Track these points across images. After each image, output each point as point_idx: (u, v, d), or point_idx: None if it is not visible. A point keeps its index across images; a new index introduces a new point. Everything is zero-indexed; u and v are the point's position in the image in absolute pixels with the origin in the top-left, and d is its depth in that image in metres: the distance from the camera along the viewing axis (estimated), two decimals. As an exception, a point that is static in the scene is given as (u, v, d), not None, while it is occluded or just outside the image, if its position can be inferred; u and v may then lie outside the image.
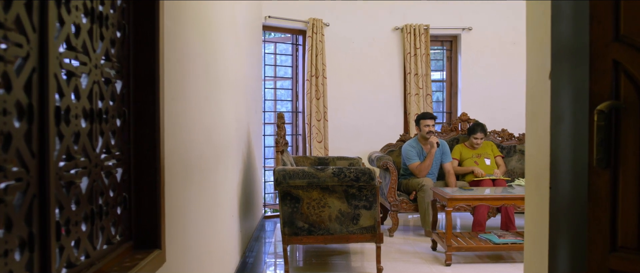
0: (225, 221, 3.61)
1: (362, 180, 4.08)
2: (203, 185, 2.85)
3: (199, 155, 2.72)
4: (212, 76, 3.07)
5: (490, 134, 6.49)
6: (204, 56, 2.83)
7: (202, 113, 2.80)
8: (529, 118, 2.55)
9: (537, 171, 2.43)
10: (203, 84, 2.80)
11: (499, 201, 4.64)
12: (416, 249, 5.15)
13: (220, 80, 3.44)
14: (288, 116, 7.14)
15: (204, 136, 2.86)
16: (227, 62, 3.71)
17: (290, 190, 4.12)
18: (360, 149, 6.88)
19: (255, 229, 5.71)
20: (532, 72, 2.52)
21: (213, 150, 3.12)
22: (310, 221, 4.15)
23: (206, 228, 2.93)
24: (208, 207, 2.98)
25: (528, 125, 2.57)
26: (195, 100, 2.63)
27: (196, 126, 2.65)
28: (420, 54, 6.89)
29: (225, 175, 3.62)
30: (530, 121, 2.55)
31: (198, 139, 2.70)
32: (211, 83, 3.06)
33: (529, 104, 2.57)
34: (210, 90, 3.02)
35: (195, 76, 2.62)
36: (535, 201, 2.48)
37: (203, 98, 2.81)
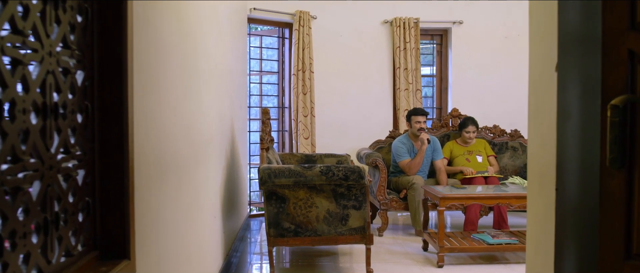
0: (207, 223, 3.41)
1: (351, 179, 3.90)
2: (181, 185, 2.65)
3: (176, 153, 2.52)
4: (191, 68, 2.86)
5: (481, 130, 6.33)
6: (181, 46, 2.62)
7: (180, 108, 2.59)
8: (532, 113, 2.37)
9: (541, 171, 2.26)
10: (180, 76, 2.59)
11: (493, 200, 4.48)
12: (407, 249, 4.98)
13: (201, 73, 3.23)
14: (274, 111, 6.94)
15: (182, 133, 2.66)
16: (208, 55, 3.50)
17: (276, 190, 3.92)
18: (348, 145, 6.70)
19: (240, 229, 5.51)
20: (536, 64, 2.34)
21: (192, 148, 2.91)
22: (296, 222, 3.95)
23: (185, 231, 2.73)
24: (187, 209, 2.78)
25: (531, 121, 2.39)
26: (171, 93, 2.42)
27: (172, 121, 2.44)
28: (410, 48, 6.71)
29: (207, 174, 3.42)
30: (533, 116, 2.37)
31: (175, 136, 2.49)
32: (190, 76, 2.85)
33: (532, 98, 2.39)
34: (189, 83, 2.81)
35: (171, 67, 2.41)
36: (539, 203, 2.30)
37: (180, 92, 2.60)
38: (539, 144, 2.31)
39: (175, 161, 2.53)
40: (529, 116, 2.47)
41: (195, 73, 2.99)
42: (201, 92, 3.20)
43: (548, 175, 2.17)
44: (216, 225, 3.82)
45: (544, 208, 2.25)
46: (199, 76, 3.13)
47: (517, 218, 6.26)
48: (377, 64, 6.85)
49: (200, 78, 3.15)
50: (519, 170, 6.20)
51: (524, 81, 6.56)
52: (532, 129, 2.43)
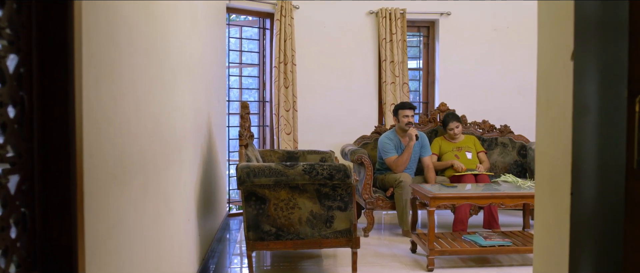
0: (180, 227, 3.12)
1: (337, 178, 3.63)
2: (148, 188, 2.36)
3: (142, 152, 2.22)
4: (159, 56, 2.57)
5: (470, 125, 6.10)
6: (146, 32, 2.33)
7: (146, 101, 2.30)
8: (542, 108, 2.11)
9: (552, 173, 2.00)
10: (145, 65, 2.30)
11: (486, 200, 4.24)
12: (394, 251, 4.73)
13: (172, 63, 2.93)
14: (254, 105, 6.64)
15: (149, 129, 2.37)
16: (181, 43, 3.21)
17: (255, 190, 3.64)
18: (332, 141, 6.42)
19: (218, 229, 5.22)
20: (546, 52, 2.08)
21: (162, 145, 2.62)
22: (277, 225, 3.68)
23: (153, 239, 2.44)
24: (155, 214, 2.49)
25: (540, 117, 2.13)
26: (136, 85, 2.13)
27: (137, 116, 2.15)
28: (396, 39, 6.45)
29: (180, 174, 3.12)
30: (543, 111, 2.11)
31: (140, 133, 2.20)
32: (159, 65, 2.55)
33: (541, 91, 2.13)
34: (157, 74, 2.52)
35: (134, 54, 2.11)
36: (549, 209, 2.05)
37: (146, 83, 2.31)
38: (550, 143, 2.05)
39: (142, 161, 2.24)
40: (537, 112, 2.20)
41: (165, 63, 2.70)
42: (172, 84, 2.90)
43: (561, 178, 1.92)
44: (191, 228, 3.53)
45: (555, 214, 2.00)
46: (170, 66, 2.83)
47: (508, 217, 6.05)
48: (362, 57, 6.58)
49: (171, 68, 2.86)
50: (509, 167, 5.99)
51: (514, 75, 6.36)
52: (541, 126, 2.16)
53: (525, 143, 6.04)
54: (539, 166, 2.14)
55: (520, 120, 6.46)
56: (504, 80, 6.66)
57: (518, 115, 6.52)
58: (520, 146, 6.03)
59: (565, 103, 1.89)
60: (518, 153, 6.02)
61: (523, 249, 4.18)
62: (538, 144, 2.17)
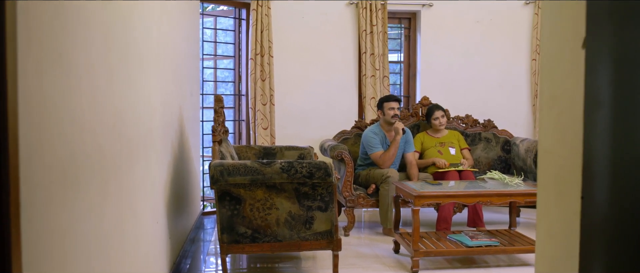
0: (146, 230, 2.86)
1: (317, 176, 3.41)
2: (108, 190, 2.11)
3: (99, 151, 1.97)
4: (120, 45, 2.31)
5: (452, 120, 5.92)
6: (106, 18, 2.07)
7: (104, 93, 2.05)
8: (547, 101, 1.91)
9: (558, 173, 1.80)
10: (104, 54, 2.04)
11: (473, 199, 4.06)
12: (376, 252, 4.53)
13: (137, 52, 2.68)
14: (230, 99, 6.38)
15: (109, 124, 2.11)
16: (147, 31, 2.94)
17: (230, 189, 3.40)
18: (310, 136, 6.20)
19: (191, 229, 4.96)
20: (552, 40, 1.87)
21: (125, 142, 2.37)
22: (253, 227, 3.44)
23: (113, 247, 2.19)
24: (117, 219, 2.24)
25: (545, 112, 1.92)
26: (91, 75, 1.87)
27: (93, 110, 1.90)
28: (376, 31, 6.24)
29: (146, 173, 2.87)
30: (548, 106, 1.90)
31: (97, 129, 1.95)
32: (120, 55, 2.30)
33: (545, 83, 1.92)
34: (118, 64, 2.26)
35: (89, 41, 1.86)
36: (555, 214, 1.84)
37: (105, 74, 2.05)
38: (556, 141, 1.85)
39: (100, 161, 1.99)
40: (541, 106, 1.98)
41: (127, 52, 2.44)
42: (138, 76, 2.65)
43: (569, 179, 1.71)
44: (160, 230, 3.28)
45: (562, 221, 1.79)
46: (134, 56, 2.57)
47: (492, 214, 5.89)
48: (342, 49, 6.35)
49: (135, 58, 2.60)
50: (493, 163, 5.83)
51: (497, 68, 6.18)
52: (545, 122, 1.95)
53: (509, 138, 5.89)
54: (542, 166, 1.93)
55: (503, 114, 6.31)
56: (486, 73, 6.50)
57: (501, 109, 6.37)
58: (504, 141, 5.88)
59: (575, 96, 1.68)
60: (502, 148, 5.86)
61: (511, 249, 4.01)
62: (541, 142, 1.96)
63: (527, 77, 6.49)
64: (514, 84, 6.51)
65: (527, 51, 6.47)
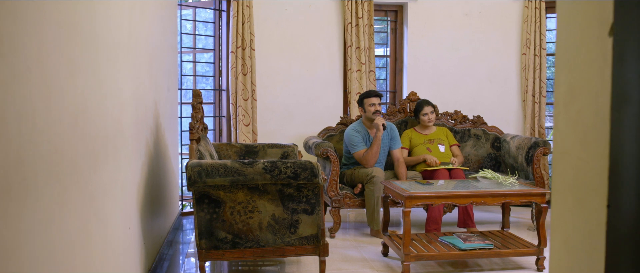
0: (116, 239, 2.61)
1: (302, 177, 3.17)
2: (69, 197, 1.86)
3: (55, 153, 1.72)
4: (84, 32, 2.05)
5: (441, 116, 5.73)
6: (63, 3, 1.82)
7: (62, 87, 1.79)
8: (564, 97, 1.69)
9: (578, 178, 1.58)
10: (62, 44, 1.79)
11: (466, 199, 3.85)
12: (364, 255, 4.31)
13: (107, 42, 2.42)
14: (209, 94, 6.12)
15: (68, 123, 1.86)
16: (116, 21, 2.69)
17: (209, 191, 3.15)
18: (294, 133, 5.96)
19: (169, 231, 4.70)
20: (571, 26, 1.65)
21: (89, 142, 2.11)
22: (234, 231, 3.20)
23: (76, 259, 1.94)
24: (79, 228, 1.99)
25: (561, 108, 1.70)
26: (44, 67, 1.62)
27: (47, 106, 1.65)
28: (362, 24, 6.01)
29: (116, 175, 2.62)
30: (564, 102, 1.68)
31: (52, 129, 1.70)
32: (83, 43, 2.04)
33: (562, 75, 1.70)
34: (81, 53, 2.01)
35: (43, 30, 1.61)
36: (573, 225, 1.63)
37: (63, 65, 1.80)
38: (576, 141, 1.63)
39: (57, 164, 1.74)
40: (556, 101, 1.76)
41: (92, 40, 2.18)
42: (104, 68, 2.39)
43: (592, 185, 1.50)
44: (132, 236, 3.02)
45: (583, 231, 1.58)
46: (101, 46, 2.32)
47: (482, 213, 5.71)
48: (327, 42, 6.12)
49: (102, 48, 2.34)
50: (483, 160, 5.64)
51: (486, 63, 5.96)
52: (562, 120, 1.73)
53: (500, 135, 5.70)
54: (558, 169, 1.71)
55: (493, 110, 6.13)
56: (475, 68, 6.31)
57: (490, 105, 6.20)
58: (494, 137, 5.70)
59: (600, 90, 1.46)
60: (492, 145, 5.68)
61: (505, 252, 3.82)
62: (558, 142, 1.73)
63: (517, 72, 6.31)
64: (503, 79, 6.33)
65: (516, 45, 6.29)
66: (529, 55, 6.15)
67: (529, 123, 6.15)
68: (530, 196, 3.89)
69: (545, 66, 6.15)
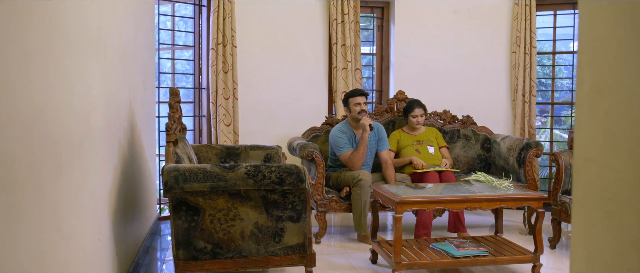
0: (82, 252, 2.37)
1: (288, 182, 2.95)
2: (21, 211, 1.62)
3: (5, 160, 1.49)
4: (41, 23, 1.81)
5: (429, 116, 5.54)
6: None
7: (14, 86, 1.56)
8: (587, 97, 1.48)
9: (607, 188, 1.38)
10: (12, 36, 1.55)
11: (460, 204, 3.66)
12: (352, 262, 4.10)
13: (72, 36, 2.18)
14: (189, 93, 5.87)
15: (23, 126, 1.62)
16: (84, 12, 2.44)
17: (187, 198, 2.92)
18: (277, 133, 5.74)
19: (145, 237, 4.45)
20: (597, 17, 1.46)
21: (48, 148, 1.88)
22: (214, 241, 2.97)
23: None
24: (37, 245, 1.75)
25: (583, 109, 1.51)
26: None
27: None
28: (348, 21, 5.80)
29: (83, 182, 2.37)
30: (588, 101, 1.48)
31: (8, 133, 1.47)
32: (42, 35, 1.80)
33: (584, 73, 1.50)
34: (38, 46, 1.77)
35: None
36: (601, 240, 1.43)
37: (15, 60, 1.56)
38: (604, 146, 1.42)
39: (8, 174, 1.50)
40: (579, 101, 1.55)
41: (52, 33, 1.94)
42: (68, 64, 2.15)
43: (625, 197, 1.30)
44: (103, 247, 2.78)
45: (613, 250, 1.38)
46: (63, 39, 2.07)
47: (472, 216, 5.53)
48: (311, 39, 5.90)
49: (65, 42, 2.10)
50: (473, 162, 5.47)
51: (475, 61, 5.74)
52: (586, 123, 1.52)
53: (489, 136, 5.53)
54: (581, 178, 1.51)
55: (482, 110, 5.96)
56: (464, 67, 6.13)
57: (479, 104, 6.02)
58: (484, 138, 5.52)
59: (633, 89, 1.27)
60: (482, 146, 5.51)
61: (501, 259, 3.64)
62: (580, 148, 1.53)
63: (507, 71, 6.14)
64: (492, 78, 6.16)
65: (506, 43, 6.13)
66: (519, 53, 5.99)
67: (519, 123, 5.99)
68: (527, 200, 3.72)
69: (535, 65, 5.99)
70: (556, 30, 6.24)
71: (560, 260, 4.27)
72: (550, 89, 6.42)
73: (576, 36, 6.15)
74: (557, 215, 4.39)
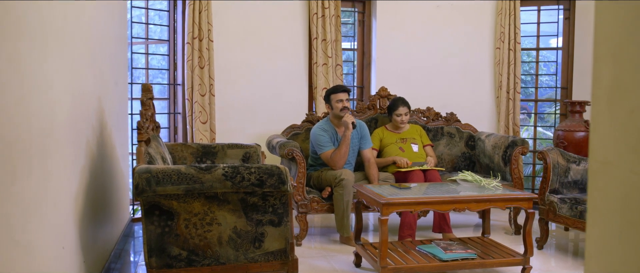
0: (43, 264, 2.16)
1: (269, 184, 2.77)
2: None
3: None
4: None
5: (413, 113, 5.40)
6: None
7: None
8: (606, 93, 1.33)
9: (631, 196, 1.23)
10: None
11: (448, 206, 3.51)
12: (334, 265, 3.94)
13: (31, 27, 1.97)
14: (163, 89, 5.64)
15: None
16: (50, 2, 2.23)
17: (160, 201, 2.72)
18: (256, 131, 5.54)
19: (117, 241, 4.23)
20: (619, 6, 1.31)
21: (3, 152, 1.67)
22: (190, 247, 2.78)
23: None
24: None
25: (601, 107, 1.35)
26: None
27: None
28: (329, 15, 5.63)
29: (43, 186, 2.16)
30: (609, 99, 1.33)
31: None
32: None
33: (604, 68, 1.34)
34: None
35: None
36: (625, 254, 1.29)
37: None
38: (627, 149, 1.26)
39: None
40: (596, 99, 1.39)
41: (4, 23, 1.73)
42: (25, 58, 1.94)
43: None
44: (68, 256, 2.57)
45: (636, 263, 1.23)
46: (17, 29, 1.86)
47: (456, 216, 5.41)
48: (291, 34, 5.71)
49: (21, 33, 1.89)
50: (457, 160, 5.34)
51: (458, 57, 5.57)
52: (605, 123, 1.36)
53: (474, 133, 5.41)
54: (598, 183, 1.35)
55: (465, 107, 5.84)
56: (447, 62, 6.00)
57: (462, 101, 5.90)
58: (468, 136, 5.40)
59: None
60: (466, 144, 5.38)
61: (490, 262, 3.51)
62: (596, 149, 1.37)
63: (490, 67, 6.03)
64: (476, 74, 6.04)
65: (490, 38, 6.01)
66: (503, 49, 5.88)
67: (503, 120, 5.88)
68: (517, 201, 3.59)
69: (519, 61, 5.88)
70: (540, 26, 6.15)
71: (548, 261, 4.16)
72: (534, 86, 6.32)
73: (561, 32, 6.06)
74: (544, 215, 4.28)
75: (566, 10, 6.02)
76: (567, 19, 6.01)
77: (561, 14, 6.06)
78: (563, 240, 4.88)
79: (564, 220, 4.08)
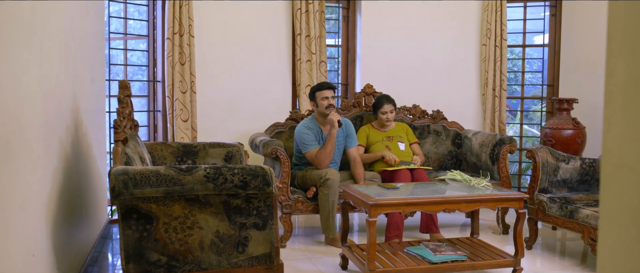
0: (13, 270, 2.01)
1: (253, 186, 2.64)
2: None
3: None
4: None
5: (399, 111, 5.29)
6: None
7: None
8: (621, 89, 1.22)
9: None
10: None
11: (438, 206, 3.41)
12: (320, 268, 3.82)
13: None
14: (143, 86, 5.48)
15: None
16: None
17: (137, 204, 2.58)
18: (238, 129, 5.40)
19: (94, 245, 4.07)
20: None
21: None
22: (170, 252, 2.64)
23: None
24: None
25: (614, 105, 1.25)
26: None
27: None
28: (313, 10, 5.50)
29: (9, 190, 2.01)
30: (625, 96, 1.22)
31: None
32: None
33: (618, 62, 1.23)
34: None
35: None
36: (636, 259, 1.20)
37: None
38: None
39: None
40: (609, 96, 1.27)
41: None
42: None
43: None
44: (39, 263, 2.42)
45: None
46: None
47: (443, 215, 5.31)
48: (274, 30, 5.57)
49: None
50: (443, 158, 5.25)
51: (444, 53, 5.45)
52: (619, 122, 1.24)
53: (460, 131, 5.33)
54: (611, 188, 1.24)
55: (451, 104, 5.75)
56: (432, 59, 5.91)
57: (448, 98, 5.81)
58: (455, 134, 5.31)
59: None
60: (452, 142, 5.30)
61: (480, 264, 3.42)
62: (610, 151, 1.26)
63: (477, 64, 5.95)
64: (462, 71, 5.96)
65: (476, 35, 5.93)
66: (489, 46, 5.80)
67: (489, 118, 5.80)
68: (508, 201, 3.50)
69: (506, 58, 5.81)
70: (526, 22, 6.08)
71: (537, 261, 4.08)
72: (519, 84, 6.26)
73: (547, 29, 5.99)
74: (533, 214, 4.20)
75: (552, 7, 5.96)
76: (554, 15, 5.95)
77: (547, 10, 6.00)
78: (551, 240, 4.82)
79: (554, 219, 4.01)
